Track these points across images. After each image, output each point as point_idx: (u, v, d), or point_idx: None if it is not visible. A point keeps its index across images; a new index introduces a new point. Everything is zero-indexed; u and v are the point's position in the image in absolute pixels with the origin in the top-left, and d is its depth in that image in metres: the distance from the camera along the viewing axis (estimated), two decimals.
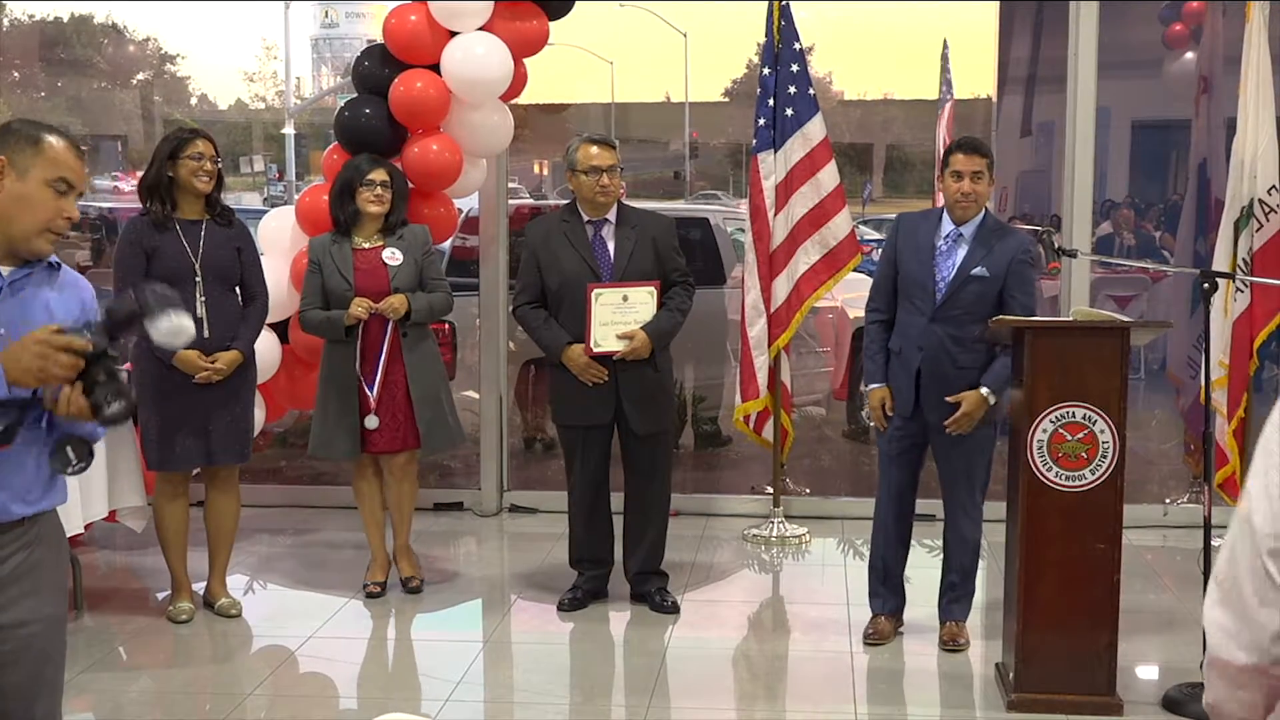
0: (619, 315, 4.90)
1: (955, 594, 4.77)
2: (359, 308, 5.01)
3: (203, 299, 4.82)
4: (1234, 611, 1.54)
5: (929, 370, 4.57)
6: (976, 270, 4.51)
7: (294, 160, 21.28)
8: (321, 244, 5.17)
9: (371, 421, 5.11)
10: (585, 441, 5.08)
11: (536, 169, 20.33)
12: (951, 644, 4.72)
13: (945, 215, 4.62)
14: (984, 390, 4.49)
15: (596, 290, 4.88)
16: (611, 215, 5.03)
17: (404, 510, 5.37)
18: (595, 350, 4.90)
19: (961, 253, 4.54)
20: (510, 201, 7.00)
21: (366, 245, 5.15)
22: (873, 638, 4.77)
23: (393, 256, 5.13)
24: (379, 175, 5.12)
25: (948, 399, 4.51)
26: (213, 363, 4.82)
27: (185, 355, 4.76)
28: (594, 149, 4.96)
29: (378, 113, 5.56)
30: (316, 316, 5.11)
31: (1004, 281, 4.50)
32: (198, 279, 4.81)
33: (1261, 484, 1.54)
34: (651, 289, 4.94)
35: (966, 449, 4.61)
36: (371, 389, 5.09)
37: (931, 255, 4.56)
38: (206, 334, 4.82)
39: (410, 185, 5.45)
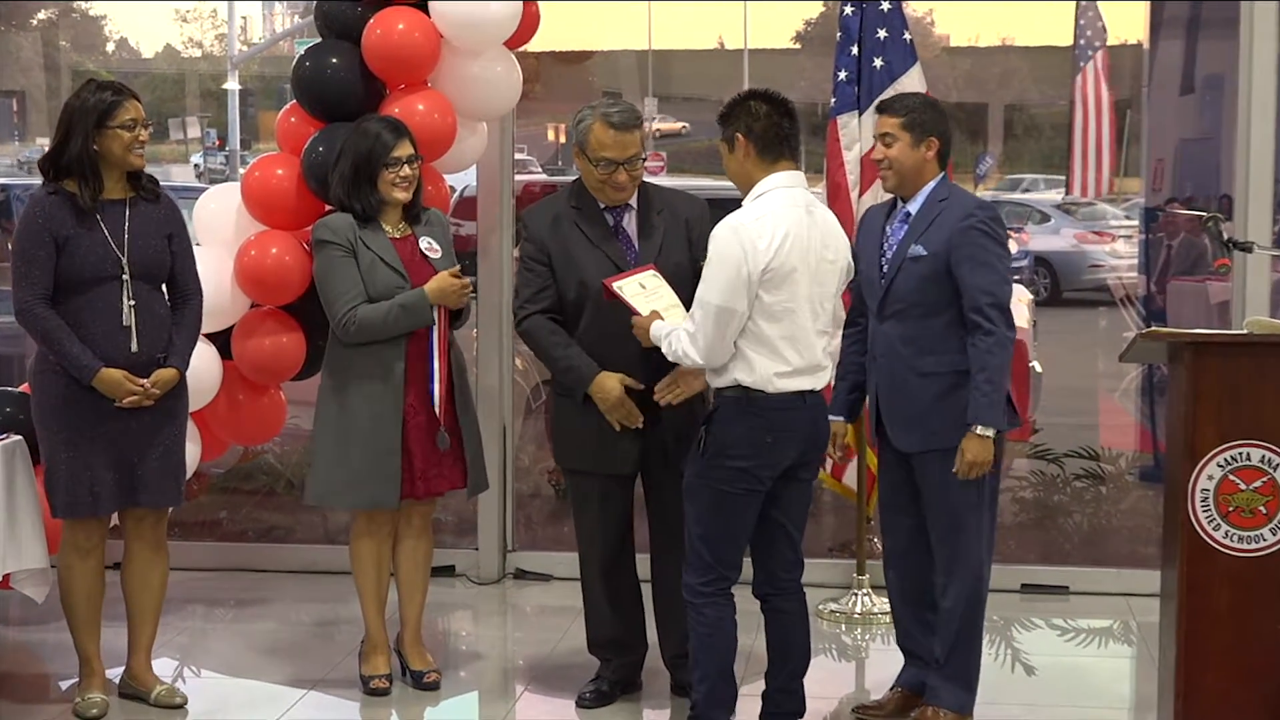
0: (649, 304, 4.81)
1: (939, 673, 4.78)
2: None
3: (131, 302, 4.81)
4: (701, 342, 4.37)
5: (886, 383, 4.65)
6: (913, 250, 4.55)
7: (238, 124, 21.38)
8: (349, 226, 5.07)
9: (443, 442, 5.10)
10: (605, 491, 5.07)
11: (551, 136, 20.36)
12: None
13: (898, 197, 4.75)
14: (978, 429, 4.46)
15: (617, 284, 4.79)
16: (633, 200, 5.02)
17: (422, 579, 5.32)
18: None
19: (904, 233, 4.63)
20: (517, 177, 7.04)
21: (398, 235, 5.17)
22: (871, 710, 4.94)
23: (431, 248, 5.17)
24: (405, 150, 5.07)
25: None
26: (145, 385, 4.80)
27: (110, 375, 4.74)
28: (609, 134, 4.83)
29: (347, 63, 5.59)
30: (379, 311, 5.00)
31: (949, 258, 4.53)
32: (125, 276, 4.81)
33: (713, 276, 4.34)
34: (653, 272, 4.86)
35: (937, 493, 4.64)
36: (434, 405, 5.08)
37: (879, 244, 4.69)
38: (135, 347, 4.82)
39: None
